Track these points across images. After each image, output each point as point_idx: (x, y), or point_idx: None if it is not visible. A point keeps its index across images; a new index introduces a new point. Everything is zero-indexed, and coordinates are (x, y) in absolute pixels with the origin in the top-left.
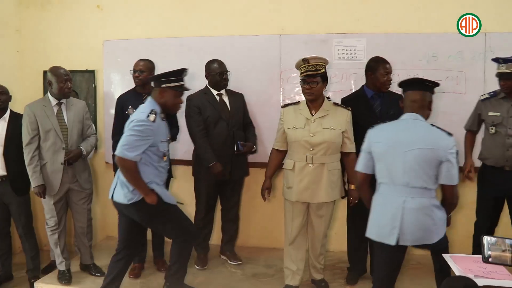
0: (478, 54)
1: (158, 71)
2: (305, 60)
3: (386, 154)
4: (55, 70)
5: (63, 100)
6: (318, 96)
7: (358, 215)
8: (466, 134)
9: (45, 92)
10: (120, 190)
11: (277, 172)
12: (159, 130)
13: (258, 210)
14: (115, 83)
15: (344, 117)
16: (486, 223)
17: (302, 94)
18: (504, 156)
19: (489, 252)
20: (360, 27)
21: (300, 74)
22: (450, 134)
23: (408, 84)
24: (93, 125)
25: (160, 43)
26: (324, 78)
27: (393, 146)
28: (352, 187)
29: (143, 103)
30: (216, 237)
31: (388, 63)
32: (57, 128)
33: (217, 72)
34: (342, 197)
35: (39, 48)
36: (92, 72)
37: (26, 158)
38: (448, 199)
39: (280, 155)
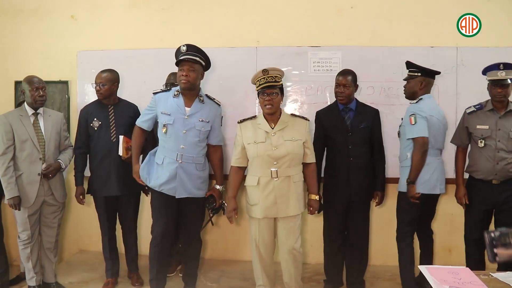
0: (451, 67)
1: (132, 82)
2: (265, 71)
3: (435, 125)
4: (28, 79)
5: (40, 110)
6: (277, 108)
7: (335, 227)
8: (457, 152)
9: (16, 102)
10: None
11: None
12: (160, 102)
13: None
14: (89, 94)
15: (303, 127)
16: (474, 235)
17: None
18: (494, 170)
19: (495, 250)
20: (335, 40)
21: (258, 86)
22: None
23: (435, 74)
24: (69, 137)
25: (135, 55)
26: (282, 91)
27: (437, 118)
28: (313, 197)
29: (108, 115)
30: None
31: (346, 75)
32: (34, 138)
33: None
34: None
35: (10, 58)
36: (65, 83)
37: (1, 168)
38: None
39: (241, 172)
